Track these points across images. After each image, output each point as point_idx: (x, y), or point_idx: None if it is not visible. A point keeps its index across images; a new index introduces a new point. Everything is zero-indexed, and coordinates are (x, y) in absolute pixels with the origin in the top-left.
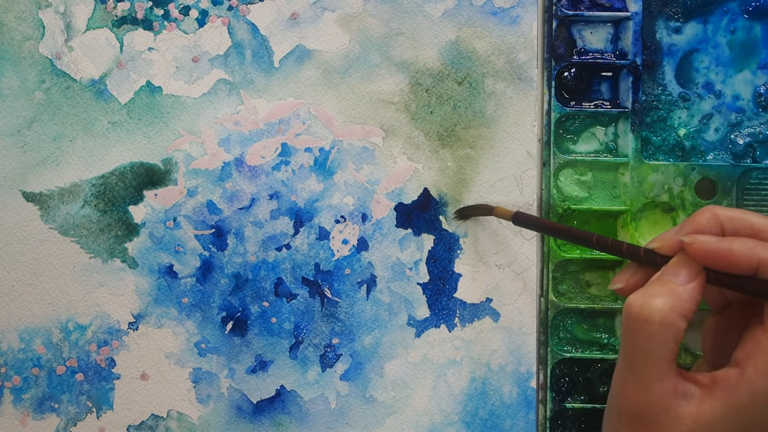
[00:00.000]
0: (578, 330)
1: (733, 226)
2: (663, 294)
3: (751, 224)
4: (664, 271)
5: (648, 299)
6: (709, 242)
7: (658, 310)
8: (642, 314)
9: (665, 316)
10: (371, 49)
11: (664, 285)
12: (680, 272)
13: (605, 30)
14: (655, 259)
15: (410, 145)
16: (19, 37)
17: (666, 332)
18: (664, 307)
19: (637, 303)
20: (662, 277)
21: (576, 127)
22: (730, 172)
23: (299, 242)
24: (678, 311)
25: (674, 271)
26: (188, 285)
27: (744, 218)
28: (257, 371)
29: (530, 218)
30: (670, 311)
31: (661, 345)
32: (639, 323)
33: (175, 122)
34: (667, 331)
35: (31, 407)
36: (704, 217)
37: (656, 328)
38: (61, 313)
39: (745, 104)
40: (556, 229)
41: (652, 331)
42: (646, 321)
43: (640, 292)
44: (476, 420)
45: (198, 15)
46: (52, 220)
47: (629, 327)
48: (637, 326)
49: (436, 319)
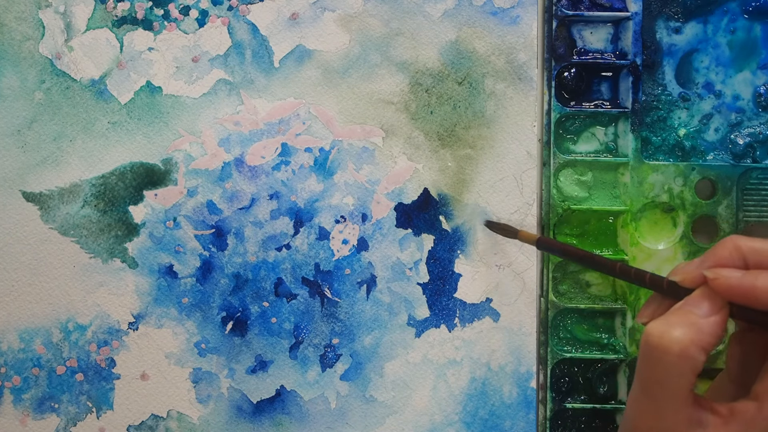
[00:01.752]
0: (578, 330)
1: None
2: (684, 325)
3: None
4: (686, 301)
5: (668, 329)
6: (732, 277)
7: (678, 342)
8: (661, 344)
9: (684, 348)
10: (371, 49)
11: (685, 316)
12: (703, 304)
13: (605, 30)
14: (678, 291)
15: (410, 145)
16: (19, 37)
17: (684, 364)
18: (684, 338)
19: (656, 332)
20: (684, 307)
21: (576, 127)
22: (730, 172)
23: (299, 242)
24: (698, 344)
25: (697, 302)
26: (188, 285)
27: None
28: (257, 371)
29: (554, 243)
30: (690, 343)
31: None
32: (657, 353)
33: (175, 122)
34: (686, 364)
35: (31, 407)
36: (727, 249)
37: (674, 359)
38: (61, 313)
39: (745, 104)
40: (579, 255)
41: (669, 361)
42: (664, 351)
43: (660, 321)
44: (476, 420)
45: (198, 15)
46: (52, 220)
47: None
48: (655, 355)
49: (436, 319)
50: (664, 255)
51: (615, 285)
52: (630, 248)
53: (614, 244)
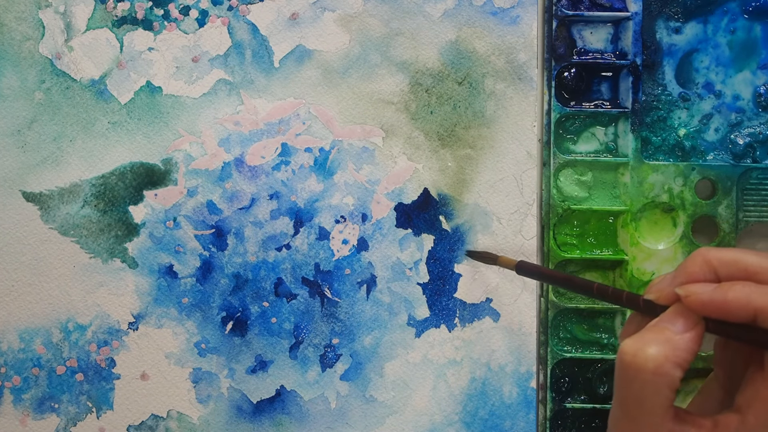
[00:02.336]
0: (578, 330)
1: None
2: (658, 342)
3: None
4: (661, 318)
5: (642, 346)
6: (703, 293)
7: (653, 359)
8: (635, 362)
9: (659, 365)
10: (371, 49)
11: (659, 332)
12: (677, 320)
13: (605, 30)
14: (654, 309)
15: (410, 145)
16: (19, 37)
17: (659, 381)
18: (658, 356)
19: (630, 350)
20: (659, 323)
21: (576, 127)
22: (730, 172)
23: (299, 242)
24: (673, 360)
25: (671, 318)
26: (188, 285)
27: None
28: (257, 371)
29: (533, 267)
30: (665, 360)
31: (655, 394)
32: (632, 371)
33: (175, 122)
34: (661, 380)
35: (31, 407)
36: (696, 264)
37: (649, 377)
38: (61, 313)
39: (745, 104)
40: (558, 278)
41: (645, 379)
42: (639, 369)
43: (634, 339)
44: (476, 420)
45: (198, 15)
46: (52, 220)
47: (622, 374)
48: (630, 374)
49: (436, 319)
50: (664, 255)
51: (615, 285)
52: (630, 248)
53: (614, 244)
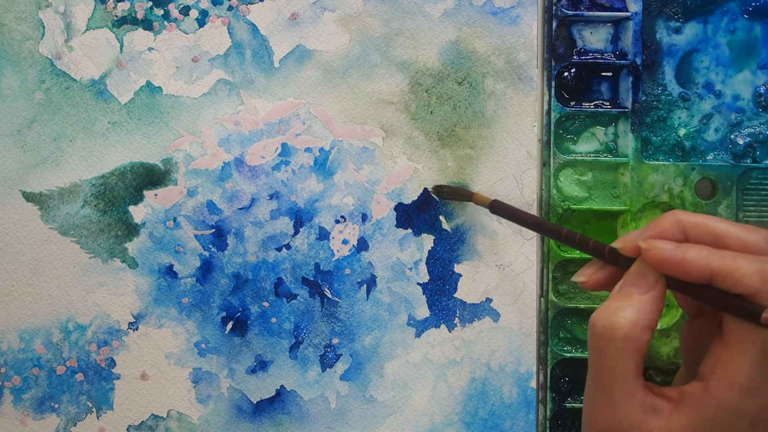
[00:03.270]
0: (578, 330)
1: (696, 233)
2: (625, 308)
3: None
4: (624, 282)
5: (611, 316)
6: (665, 249)
7: (621, 327)
8: (605, 332)
9: (628, 331)
10: (371, 49)
11: (625, 298)
12: (640, 282)
13: (605, 30)
14: (618, 259)
15: (410, 145)
16: (19, 37)
17: (630, 347)
18: (626, 322)
19: (600, 320)
20: (623, 288)
21: (576, 127)
22: (730, 172)
23: (299, 242)
24: (641, 324)
25: (634, 280)
26: (188, 285)
27: (707, 224)
28: (257, 371)
29: (506, 207)
30: (633, 325)
31: (626, 360)
32: (603, 341)
33: (175, 122)
34: (631, 346)
35: (31, 407)
36: (668, 222)
37: (621, 344)
38: (61, 313)
39: (745, 104)
40: (529, 221)
41: (616, 347)
42: (609, 338)
43: (603, 309)
44: (476, 420)
45: (198, 15)
46: (52, 220)
47: (594, 345)
48: (601, 344)
49: (436, 319)
50: None
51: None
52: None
53: None
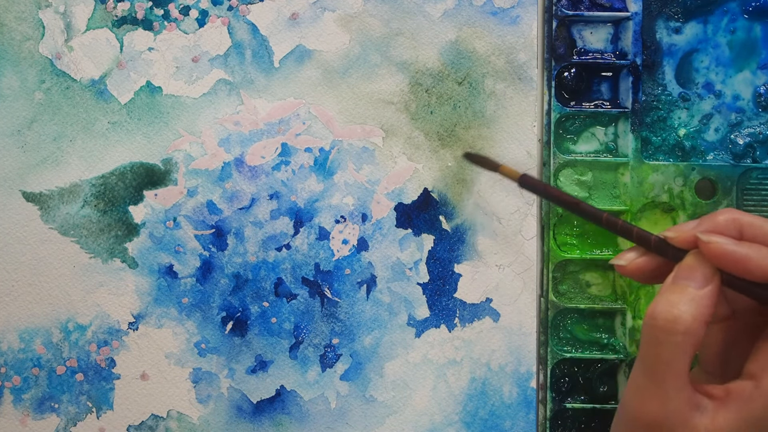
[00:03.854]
0: (578, 330)
1: (752, 233)
2: (685, 302)
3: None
4: (678, 275)
5: (671, 308)
6: (726, 244)
7: (683, 321)
8: (667, 325)
9: (689, 325)
10: (371, 49)
11: (682, 292)
12: (695, 275)
13: (605, 30)
14: (666, 249)
15: (410, 145)
16: (19, 37)
17: (688, 341)
18: (687, 316)
19: (662, 313)
20: (678, 281)
21: (576, 127)
22: (730, 172)
23: (299, 242)
24: (700, 319)
25: (689, 274)
26: (188, 285)
27: (764, 226)
28: (257, 371)
29: (537, 183)
30: (693, 320)
31: (684, 354)
32: (663, 334)
33: (175, 122)
34: (690, 340)
35: (31, 407)
36: (724, 218)
37: (681, 338)
38: (61, 313)
39: (745, 104)
40: (564, 200)
41: (675, 341)
42: (669, 332)
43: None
44: (476, 420)
45: (198, 15)
46: (52, 220)
47: (653, 337)
48: (661, 337)
49: (436, 319)
50: None
51: (615, 285)
52: None
53: (614, 245)
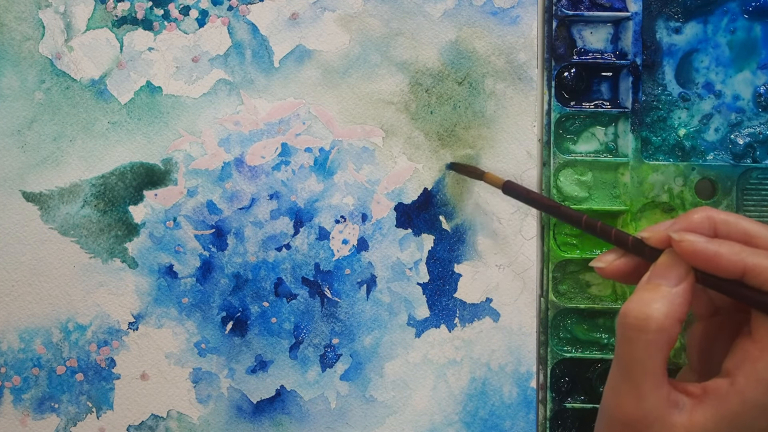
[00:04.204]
0: (578, 330)
1: (726, 230)
2: (657, 300)
3: (745, 230)
4: (653, 274)
5: (643, 307)
6: (698, 242)
7: (654, 319)
8: (638, 323)
9: (661, 323)
10: (371, 49)
11: (656, 290)
12: (669, 274)
13: (605, 30)
14: (643, 249)
15: (410, 145)
16: (19, 37)
17: (662, 339)
18: (659, 314)
19: (633, 312)
20: (652, 280)
21: (576, 127)
22: (730, 172)
23: (299, 242)
24: (672, 316)
25: (663, 272)
26: (188, 285)
27: (738, 223)
28: (257, 371)
29: (520, 189)
30: (665, 318)
31: (657, 352)
32: (635, 332)
33: (175, 122)
34: (663, 338)
35: (31, 407)
36: (698, 216)
37: (652, 336)
38: (61, 313)
39: (745, 104)
40: (545, 204)
41: (648, 339)
42: (641, 329)
43: (635, 300)
44: (476, 420)
45: (198, 15)
46: (52, 220)
47: (625, 336)
48: (633, 335)
49: (436, 319)
50: None
51: (615, 285)
52: None
53: None
